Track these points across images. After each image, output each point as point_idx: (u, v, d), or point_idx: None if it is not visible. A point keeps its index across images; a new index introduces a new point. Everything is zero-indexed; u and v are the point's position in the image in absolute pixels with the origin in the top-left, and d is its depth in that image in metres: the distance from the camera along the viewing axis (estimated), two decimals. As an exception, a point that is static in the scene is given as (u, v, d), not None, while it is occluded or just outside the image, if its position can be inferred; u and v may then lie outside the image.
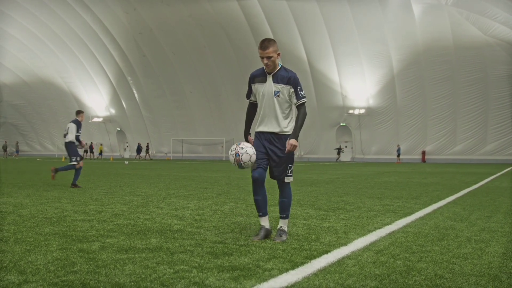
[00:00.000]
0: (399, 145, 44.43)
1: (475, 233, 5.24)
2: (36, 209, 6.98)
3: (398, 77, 43.96)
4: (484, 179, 15.69)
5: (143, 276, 3.36)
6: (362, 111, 46.59)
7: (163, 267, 3.61)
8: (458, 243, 4.69)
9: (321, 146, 49.50)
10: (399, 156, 43.75)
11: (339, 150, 47.29)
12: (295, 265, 3.71)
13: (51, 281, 3.21)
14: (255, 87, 4.95)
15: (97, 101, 59.36)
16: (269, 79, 4.83)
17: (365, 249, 4.38)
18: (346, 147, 49.10)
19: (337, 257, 3.99)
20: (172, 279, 3.29)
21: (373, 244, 4.62)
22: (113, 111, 59.16)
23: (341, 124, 48.28)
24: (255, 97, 5.01)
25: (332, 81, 46.27)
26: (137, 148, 52.95)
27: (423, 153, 44.88)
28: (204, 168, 25.50)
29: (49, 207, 7.25)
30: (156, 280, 3.27)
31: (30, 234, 4.94)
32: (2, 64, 59.99)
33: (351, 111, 47.05)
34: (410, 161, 45.04)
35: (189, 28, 48.31)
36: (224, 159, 51.08)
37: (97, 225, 5.57)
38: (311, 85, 46.46)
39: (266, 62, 4.74)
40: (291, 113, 4.93)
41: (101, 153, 56.52)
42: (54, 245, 4.37)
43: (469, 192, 10.80)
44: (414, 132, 45.32)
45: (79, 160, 11.47)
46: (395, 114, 45.38)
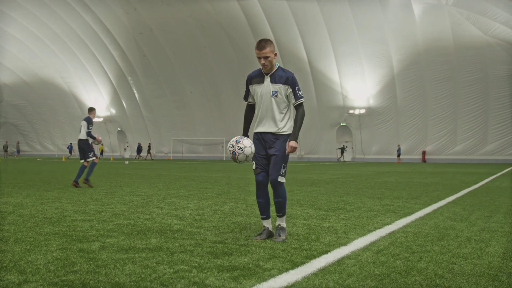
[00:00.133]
0: (399, 145, 44.42)
1: (475, 233, 5.24)
2: (36, 209, 6.98)
3: (398, 77, 43.95)
4: (484, 179, 15.68)
5: (143, 276, 3.36)
6: (362, 111, 46.58)
7: (163, 267, 3.61)
8: (458, 243, 4.69)
9: (321, 146, 49.48)
10: (399, 156, 43.74)
11: (343, 150, 47.29)
12: (295, 265, 3.72)
13: (51, 281, 3.21)
14: (252, 88, 4.95)
15: (98, 101, 59.33)
16: (267, 79, 4.84)
17: (365, 249, 4.38)
18: (346, 147, 49.10)
19: (337, 257, 3.99)
20: (172, 279, 3.30)
21: (373, 244, 4.62)
22: (113, 111, 59.16)
23: (342, 124, 48.27)
24: (253, 99, 5.02)
25: (332, 81, 46.26)
26: (138, 148, 52.95)
27: (424, 153, 44.86)
28: (204, 168, 25.50)
29: (49, 207, 7.26)
30: (156, 280, 3.27)
31: (30, 234, 4.95)
32: (2, 64, 60.02)
33: (351, 111, 47.04)
34: (410, 161, 45.02)
35: (190, 28, 48.32)
36: (224, 159, 51.07)
37: (97, 225, 5.57)
38: (311, 85, 46.45)
39: (263, 62, 4.74)
40: (289, 113, 4.94)
41: (102, 153, 56.54)
42: (54, 245, 4.37)
43: (469, 192, 10.80)
44: (414, 132, 45.30)
45: (91, 156, 11.59)
46: (396, 114, 45.37)
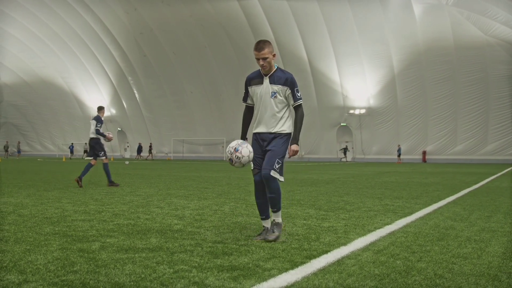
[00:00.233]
0: (399, 145, 44.42)
1: (475, 233, 5.23)
2: (36, 209, 6.98)
3: (398, 77, 43.95)
4: (484, 179, 15.67)
5: (143, 276, 3.37)
6: (362, 111, 46.58)
7: (163, 267, 3.61)
8: (458, 243, 4.69)
9: (321, 146, 49.48)
10: (399, 156, 43.74)
11: (345, 150, 47.31)
12: (294, 265, 3.72)
13: (51, 281, 3.21)
14: (252, 89, 4.95)
15: (98, 101, 59.30)
16: (266, 80, 4.84)
17: (365, 249, 4.38)
18: (346, 147, 49.09)
19: (337, 257, 3.99)
20: (171, 278, 3.30)
21: (373, 244, 4.62)
22: (113, 111, 59.17)
23: (342, 124, 48.27)
24: (252, 100, 5.02)
25: (332, 81, 46.26)
26: (138, 148, 52.97)
27: (424, 153, 44.85)
28: (204, 168, 25.50)
29: (49, 207, 7.26)
30: (156, 280, 3.27)
31: (30, 234, 4.95)
32: (2, 64, 60.05)
33: (351, 111, 47.04)
34: (410, 161, 45.01)
35: (190, 28, 48.33)
36: (224, 159, 51.08)
37: (97, 225, 5.57)
38: (311, 85, 46.45)
39: (262, 63, 4.75)
40: (288, 112, 4.95)
41: None
42: (54, 245, 4.37)
43: (470, 192, 10.79)
44: (414, 132, 45.29)
45: (101, 156, 11.62)
46: (396, 114, 45.36)
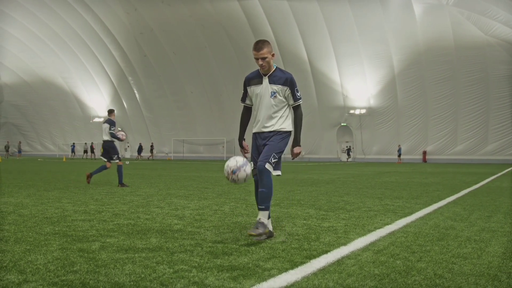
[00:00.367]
0: (400, 145, 44.41)
1: (475, 233, 5.23)
2: (36, 209, 6.99)
3: (399, 77, 43.95)
4: (484, 179, 15.67)
5: (143, 275, 3.36)
6: (363, 111, 46.58)
7: (162, 267, 3.61)
8: (458, 243, 4.68)
9: (322, 146, 49.48)
10: (400, 156, 43.74)
11: (349, 150, 47.34)
12: (294, 265, 3.71)
13: (51, 281, 3.21)
14: (251, 90, 4.94)
15: (98, 101, 59.39)
16: (265, 80, 4.84)
17: (365, 249, 4.38)
18: (347, 147, 49.13)
19: (337, 257, 3.99)
20: (171, 278, 3.30)
21: (373, 244, 4.61)
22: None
23: (342, 124, 48.28)
24: (251, 100, 5.02)
25: (333, 81, 46.26)
26: (138, 148, 52.96)
27: (424, 153, 44.85)
28: (205, 168, 25.50)
29: (49, 207, 7.26)
30: (155, 279, 3.27)
31: (30, 234, 4.95)
32: (3, 64, 60.07)
33: (352, 111, 47.05)
34: (411, 161, 45.01)
35: (190, 28, 48.33)
36: (225, 159, 51.08)
37: (97, 225, 5.57)
38: (311, 85, 46.45)
39: (261, 63, 4.74)
40: (287, 112, 4.95)
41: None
42: (54, 245, 4.37)
43: (470, 192, 10.79)
44: (415, 132, 45.29)
45: (115, 159, 11.67)
46: (396, 114, 45.37)
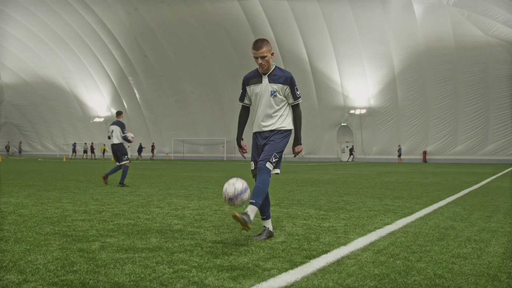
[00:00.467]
0: (400, 145, 44.41)
1: (475, 233, 5.23)
2: (36, 209, 6.99)
3: (399, 77, 43.94)
4: (485, 179, 15.66)
5: (143, 275, 3.36)
6: (363, 111, 46.57)
7: (162, 267, 3.61)
8: (458, 243, 4.68)
9: (322, 146, 49.48)
10: (400, 156, 43.73)
11: (351, 150, 47.38)
12: (294, 265, 3.71)
13: (51, 281, 3.21)
14: (250, 89, 4.93)
15: (98, 101, 59.40)
16: (265, 79, 4.83)
17: (365, 249, 4.38)
18: (347, 147, 49.13)
19: (337, 257, 3.99)
20: (171, 278, 3.30)
21: (372, 244, 4.61)
22: (114, 111, 59.19)
23: (342, 124, 48.27)
24: (249, 100, 5.01)
25: (333, 81, 46.25)
26: (139, 148, 52.99)
27: (424, 153, 44.84)
28: (205, 168, 25.50)
29: (49, 207, 7.26)
30: (155, 279, 3.27)
31: (30, 233, 4.95)
32: (3, 64, 60.09)
33: (352, 111, 47.04)
34: (411, 161, 45.01)
35: (191, 28, 48.33)
36: (225, 159, 51.09)
37: (97, 225, 5.57)
38: (312, 85, 46.45)
39: (260, 62, 4.73)
40: (287, 110, 4.94)
41: (104, 153, 56.79)
42: (54, 245, 4.37)
43: (470, 192, 10.78)
44: (415, 132, 45.29)
45: (124, 160, 11.87)
46: (396, 114, 45.36)
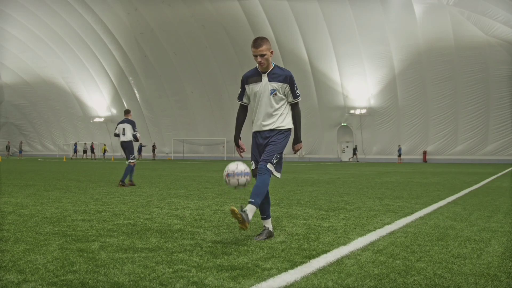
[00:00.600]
0: (400, 145, 44.41)
1: (475, 233, 5.23)
2: (36, 209, 6.99)
3: (399, 77, 43.94)
4: (485, 179, 15.66)
5: (142, 275, 3.36)
6: (363, 111, 46.57)
7: (162, 267, 3.61)
8: (457, 243, 4.68)
9: (322, 146, 49.48)
10: (400, 156, 43.73)
11: (355, 150, 47.40)
12: (294, 265, 3.71)
13: (50, 281, 3.21)
14: (249, 88, 4.92)
15: (99, 101, 59.38)
16: (264, 78, 4.82)
17: (365, 249, 4.38)
18: (347, 147, 49.13)
19: (336, 257, 3.99)
20: (171, 278, 3.30)
21: (372, 244, 4.61)
22: (114, 111, 59.20)
23: (342, 124, 48.27)
24: (248, 99, 5.00)
25: (333, 81, 46.25)
26: (139, 148, 53.00)
27: (424, 153, 44.84)
28: (205, 168, 25.50)
29: (49, 207, 7.26)
30: (155, 279, 3.27)
31: (30, 233, 4.95)
32: (3, 64, 60.08)
33: (352, 111, 47.04)
34: (411, 161, 45.00)
35: (191, 28, 48.33)
36: (225, 159, 51.07)
37: (97, 225, 5.57)
38: (312, 85, 46.44)
39: (259, 60, 4.72)
40: (287, 109, 4.92)
41: (104, 153, 56.86)
42: (53, 245, 4.37)
43: (470, 192, 10.78)
44: (415, 132, 45.29)
45: (131, 158, 11.93)
46: (396, 114, 45.36)
